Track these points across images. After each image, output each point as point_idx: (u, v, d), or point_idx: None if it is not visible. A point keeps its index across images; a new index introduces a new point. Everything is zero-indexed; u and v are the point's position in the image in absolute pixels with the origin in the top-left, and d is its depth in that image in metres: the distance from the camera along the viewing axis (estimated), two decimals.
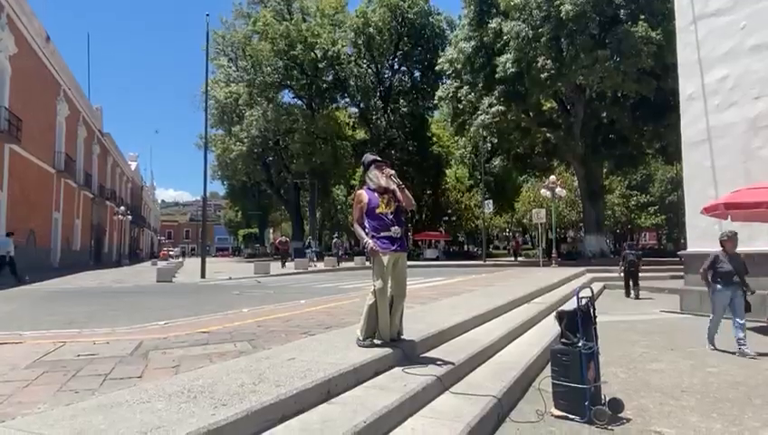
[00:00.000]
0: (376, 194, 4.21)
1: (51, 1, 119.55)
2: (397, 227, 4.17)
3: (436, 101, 33.74)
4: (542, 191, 25.62)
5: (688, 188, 9.94)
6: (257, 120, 36.13)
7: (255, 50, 37.52)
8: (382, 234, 4.14)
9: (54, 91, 28.25)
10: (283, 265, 25.79)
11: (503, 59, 24.24)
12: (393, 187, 4.19)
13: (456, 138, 39.04)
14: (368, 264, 3.98)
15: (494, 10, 25.85)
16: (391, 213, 4.18)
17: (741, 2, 9.25)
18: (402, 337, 4.29)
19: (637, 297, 12.54)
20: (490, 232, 58.55)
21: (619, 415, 3.64)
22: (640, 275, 13.01)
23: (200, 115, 72.13)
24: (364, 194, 4.24)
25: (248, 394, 2.75)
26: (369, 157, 4.44)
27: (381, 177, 4.21)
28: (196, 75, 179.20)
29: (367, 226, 4.21)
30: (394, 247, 4.12)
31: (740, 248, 8.34)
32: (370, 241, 4.12)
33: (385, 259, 4.06)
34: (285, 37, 36.34)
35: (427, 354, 4.33)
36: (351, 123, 44.96)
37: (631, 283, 12.77)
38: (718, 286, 6.27)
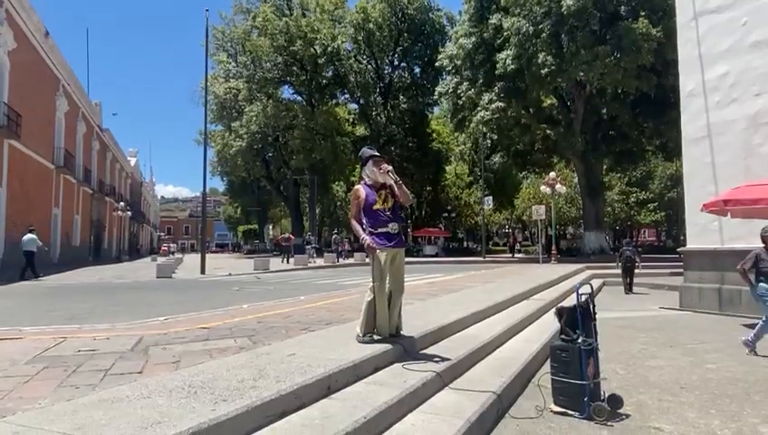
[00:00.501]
0: (373, 190, 4.18)
1: (50, 1, 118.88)
2: (394, 223, 4.15)
3: (435, 98, 33.70)
4: (542, 188, 25.62)
5: (688, 184, 9.93)
6: (257, 116, 36.07)
7: (255, 45, 37.43)
8: (380, 230, 4.11)
9: (53, 87, 28.18)
10: (286, 261, 25.88)
11: (503, 55, 24.19)
12: (390, 182, 4.15)
13: (456, 134, 38.95)
14: (367, 260, 3.99)
15: (495, 6, 25.78)
16: (389, 209, 4.16)
17: None
18: (401, 333, 4.29)
19: (630, 291, 12.84)
20: (489, 229, 58.56)
21: (618, 411, 3.65)
22: (638, 271, 13.23)
23: (200, 111, 71.99)
24: (361, 190, 4.21)
25: (248, 390, 2.75)
26: (366, 151, 4.37)
27: (378, 172, 4.18)
28: (195, 71, 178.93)
29: (364, 222, 4.19)
30: (391, 244, 4.10)
31: (739, 244, 8.37)
32: (368, 238, 4.10)
33: (382, 256, 4.05)
34: (285, 33, 36.25)
35: (426, 350, 4.33)
36: (351, 119, 44.88)
37: (628, 278, 13.01)
38: (763, 285, 5.89)
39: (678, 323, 8.16)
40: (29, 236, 16.39)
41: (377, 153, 4.34)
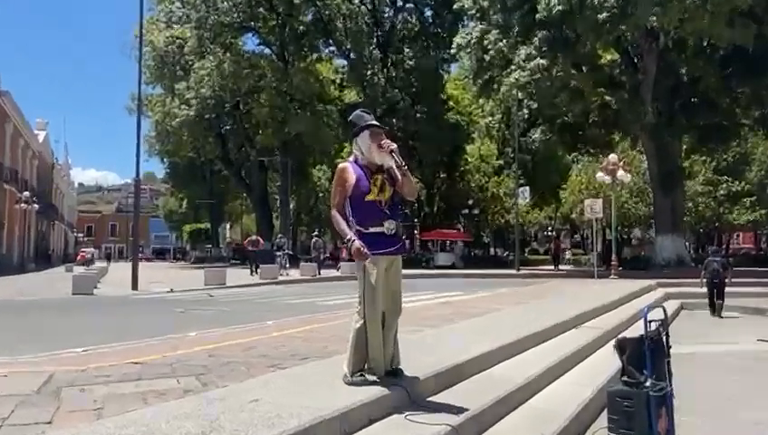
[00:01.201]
0: (366, 172, 4.09)
1: None
2: (392, 221, 4.08)
3: (453, 51, 33.69)
4: (599, 175, 25.64)
5: None
6: (210, 75, 36.04)
7: None
8: (372, 229, 4.04)
9: None
10: (254, 271, 25.85)
11: None
12: (391, 165, 4.06)
13: (481, 101, 39.02)
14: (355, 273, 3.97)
15: None
16: (386, 201, 4.09)
17: None
18: (400, 368, 4.26)
19: (719, 316, 12.99)
20: (526, 231, 58.67)
21: None
22: (728, 289, 13.28)
23: (132, 68, 72.08)
24: (350, 170, 4.11)
25: None
26: (362, 117, 4.26)
27: (376, 149, 4.07)
28: (126, 16, 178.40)
29: (351, 217, 4.11)
30: (387, 249, 4.05)
31: None
32: (357, 240, 3.98)
33: (375, 266, 3.99)
34: None
35: (437, 397, 4.35)
36: (338, 81, 44.90)
37: (716, 298, 13.12)
38: None
39: None
40: None
41: (375, 122, 4.26)
